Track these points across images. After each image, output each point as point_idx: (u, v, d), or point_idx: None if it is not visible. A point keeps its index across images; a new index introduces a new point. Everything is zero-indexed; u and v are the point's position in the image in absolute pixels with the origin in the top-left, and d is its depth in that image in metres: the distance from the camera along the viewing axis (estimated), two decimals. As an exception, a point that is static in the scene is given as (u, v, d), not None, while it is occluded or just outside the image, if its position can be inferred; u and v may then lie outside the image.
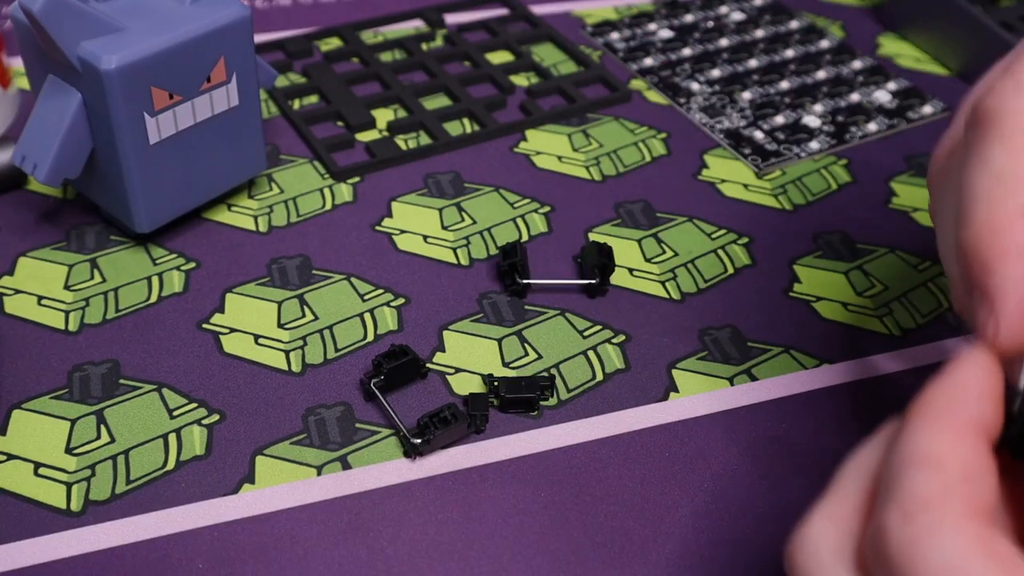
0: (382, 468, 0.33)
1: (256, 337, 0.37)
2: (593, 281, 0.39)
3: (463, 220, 0.43)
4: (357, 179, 0.44)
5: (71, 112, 0.36)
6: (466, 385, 0.36)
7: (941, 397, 0.23)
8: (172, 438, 0.34)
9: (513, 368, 0.37)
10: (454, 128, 0.48)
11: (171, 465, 0.33)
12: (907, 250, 0.43)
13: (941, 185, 0.29)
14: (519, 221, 0.43)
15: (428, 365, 0.36)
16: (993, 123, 0.25)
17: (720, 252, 0.42)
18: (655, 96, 0.51)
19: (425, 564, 0.30)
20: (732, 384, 0.37)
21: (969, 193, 0.25)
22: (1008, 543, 0.21)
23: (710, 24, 0.56)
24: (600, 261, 0.39)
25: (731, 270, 0.41)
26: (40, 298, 0.38)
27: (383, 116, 0.48)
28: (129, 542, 0.31)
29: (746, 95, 0.51)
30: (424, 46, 0.53)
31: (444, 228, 0.42)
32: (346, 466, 0.33)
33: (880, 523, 0.21)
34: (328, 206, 0.43)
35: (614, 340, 0.38)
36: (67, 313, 0.38)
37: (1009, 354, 0.24)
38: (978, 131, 0.26)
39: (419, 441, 0.33)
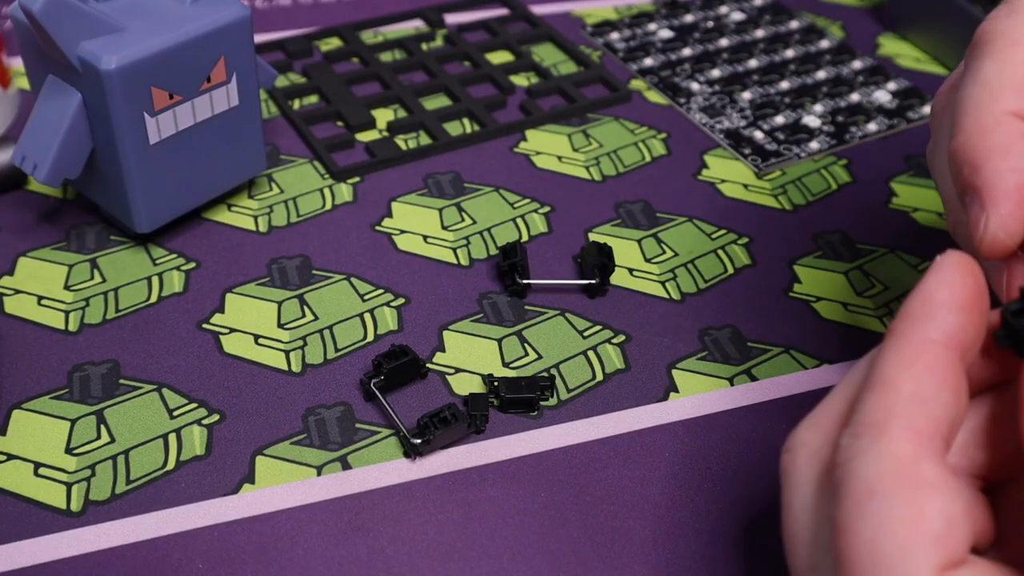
0: (382, 468, 0.33)
1: (256, 337, 0.37)
2: (593, 281, 0.39)
3: (463, 220, 0.43)
4: (357, 179, 0.44)
5: (71, 112, 0.36)
6: (466, 385, 0.36)
7: (906, 315, 0.23)
8: (172, 438, 0.34)
9: (513, 368, 0.37)
10: (454, 128, 0.48)
11: (171, 465, 0.33)
12: (907, 250, 0.43)
13: (940, 120, 0.29)
14: (519, 221, 0.43)
15: (428, 365, 0.36)
16: (986, 41, 0.26)
17: (720, 252, 0.42)
18: (655, 96, 0.51)
19: (425, 564, 0.30)
20: (732, 384, 0.37)
21: (960, 106, 0.26)
22: (930, 465, 0.21)
23: (710, 24, 0.56)
24: (600, 261, 0.39)
25: (731, 270, 0.41)
26: (40, 298, 0.38)
27: (383, 116, 0.48)
28: (129, 542, 0.31)
29: (746, 95, 0.51)
30: (424, 46, 0.53)
31: (444, 228, 0.42)
32: (346, 466, 0.33)
33: (837, 439, 0.23)
34: (328, 206, 0.43)
35: (614, 340, 0.38)
36: (67, 313, 0.38)
37: (1003, 249, 0.25)
38: (973, 52, 0.27)
39: (419, 441, 0.33)
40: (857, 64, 0.53)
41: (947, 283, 0.23)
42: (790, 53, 0.54)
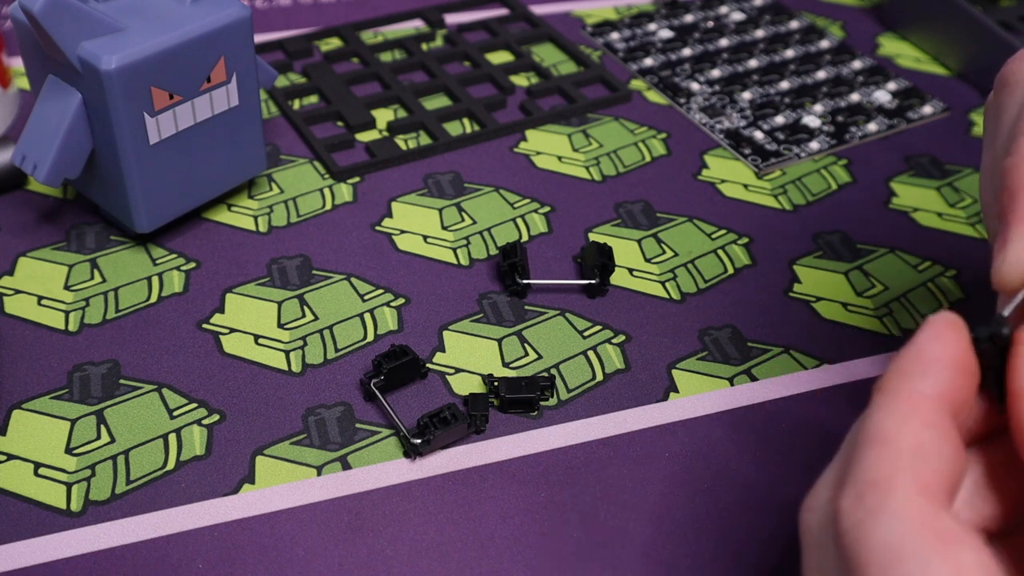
0: (382, 468, 0.33)
1: (256, 337, 0.37)
2: (593, 281, 0.39)
3: (463, 220, 0.43)
4: (357, 179, 0.44)
5: (71, 112, 0.36)
6: (466, 385, 0.36)
7: (898, 371, 0.23)
8: (172, 438, 0.34)
9: (513, 368, 0.37)
10: (454, 128, 0.48)
11: (171, 465, 0.33)
12: (907, 250, 0.43)
13: (1000, 111, 0.28)
14: (519, 221, 0.43)
15: (428, 365, 0.36)
16: None
17: (720, 252, 0.42)
18: (655, 96, 0.51)
19: (425, 564, 0.30)
20: (732, 384, 0.37)
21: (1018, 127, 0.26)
22: (949, 519, 0.21)
23: (710, 24, 0.56)
24: (600, 261, 0.39)
25: (731, 270, 0.41)
26: (40, 298, 0.38)
27: (383, 116, 0.48)
28: (129, 542, 0.31)
29: (746, 95, 0.51)
30: (424, 46, 0.53)
31: (444, 228, 0.42)
32: (346, 466, 0.33)
33: (836, 503, 0.22)
34: (328, 206, 0.43)
35: (614, 340, 0.38)
36: (67, 313, 0.38)
37: (1013, 287, 0.24)
38: None
39: (419, 441, 0.33)
40: (857, 64, 0.53)
41: (940, 340, 0.22)
42: (790, 53, 0.54)
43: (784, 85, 0.51)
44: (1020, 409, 0.22)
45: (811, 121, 0.49)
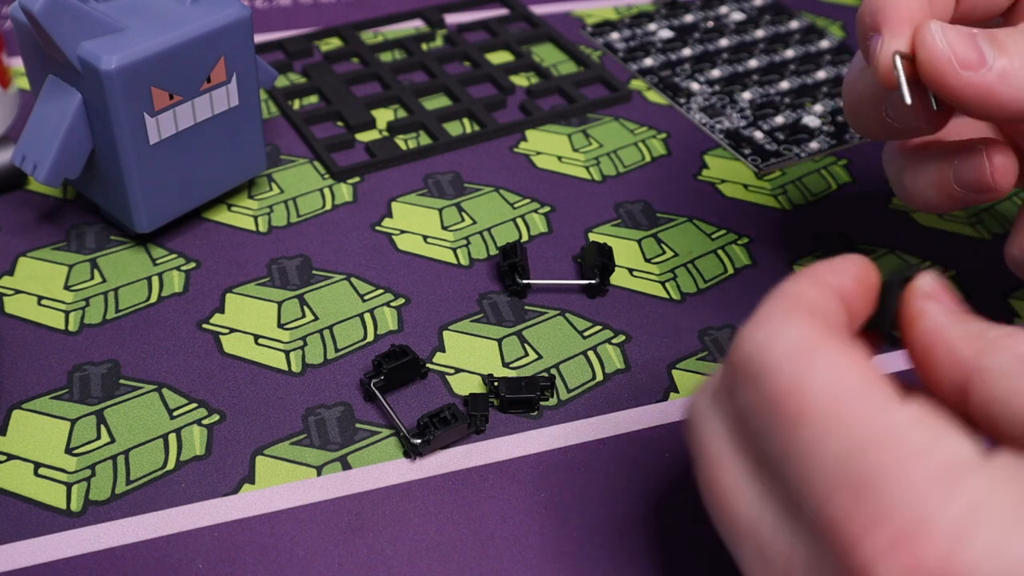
0: (382, 468, 0.33)
1: (256, 337, 0.37)
2: (593, 281, 0.39)
3: (463, 220, 0.43)
4: (357, 179, 0.44)
5: (71, 112, 0.36)
6: (466, 385, 0.36)
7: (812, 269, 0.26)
8: (172, 438, 0.34)
9: (513, 368, 0.37)
10: (454, 128, 0.48)
11: (171, 465, 0.33)
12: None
13: None
14: (519, 221, 0.43)
15: (428, 365, 0.36)
16: None
17: (720, 252, 0.42)
18: (655, 96, 0.51)
19: (425, 564, 0.31)
20: (732, 384, 0.37)
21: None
22: (840, 338, 0.24)
23: (710, 24, 0.56)
24: (600, 261, 0.39)
25: (731, 270, 0.41)
26: (40, 298, 0.38)
27: (383, 116, 0.48)
28: (129, 542, 0.31)
29: (746, 95, 0.51)
30: (424, 46, 0.53)
31: (444, 228, 0.42)
32: (346, 466, 0.33)
33: (736, 340, 0.24)
34: (328, 206, 0.43)
35: (614, 340, 0.38)
36: (67, 313, 0.38)
37: (887, 74, 0.29)
38: None
39: (419, 441, 0.33)
40: (857, 64, 0.53)
41: (852, 259, 0.26)
42: (790, 53, 0.54)
43: (784, 85, 0.52)
44: (915, 334, 0.25)
45: (811, 121, 0.49)
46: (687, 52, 0.54)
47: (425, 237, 0.42)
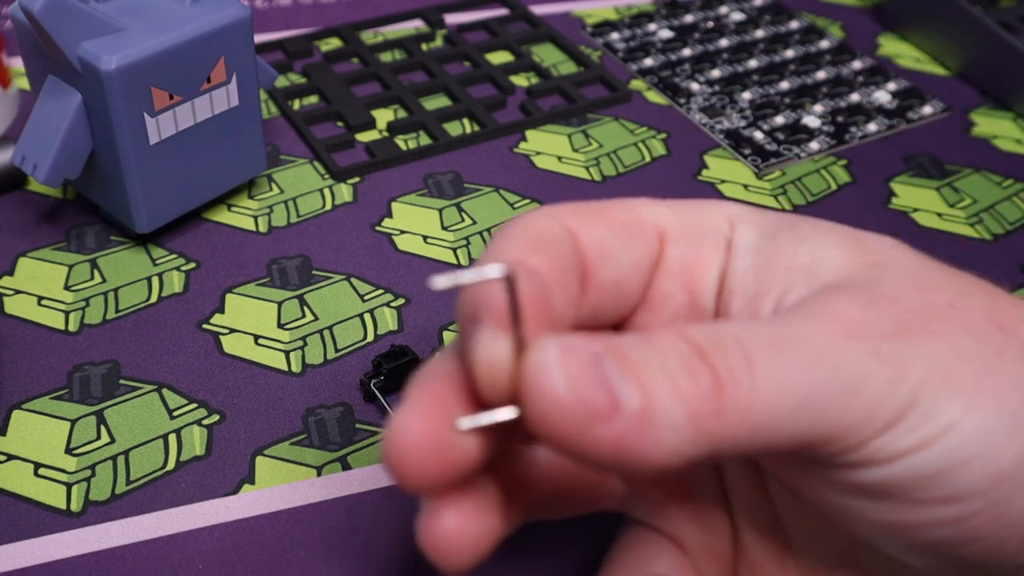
0: (382, 469, 0.33)
1: (256, 337, 0.37)
2: (593, 281, 0.39)
3: (463, 220, 0.43)
4: (357, 179, 0.44)
5: (71, 112, 0.36)
6: (466, 385, 0.36)
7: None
8: (172, 438, 0.34)
9: (513, 368, 0.37)
10: (454, 128, 0.48)
11: (171, 465, 0.33)
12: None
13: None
14: (519, 221, 0.43)
15: (428, 365, 0.36)
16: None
17: (720, 252, 0.42)
18: (655, 96, 0.51)
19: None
20: (732, 384, 0.36)
21: None
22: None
23: (710, 24, 0.56)
24: (600, 261, 0.39)
25: (731, 270, 0.41)
26: (40, 298, 0.38)
27: (383, 116, 0.48)
28: (129, 542, 0.31)
29: (746, 95, 0.51)
30: (424, 46, 0.53)
31: (444, 228, 0.42)
32: (346, 466, 0.33)
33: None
34: (328, 206, 0.43)
35: (614, 340, 0.38)
36: (67, 313, 0.38)
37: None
38: None
39: (419, 441, 0.33)
40: (857, 64, 0.53)
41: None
42: (790, 53, 0.54)
43: (784, 85, 0.52)
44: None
45: (811, 121, 0.49)
46: (687, 52, 0.54)
47: (425, 237, 0.42)
